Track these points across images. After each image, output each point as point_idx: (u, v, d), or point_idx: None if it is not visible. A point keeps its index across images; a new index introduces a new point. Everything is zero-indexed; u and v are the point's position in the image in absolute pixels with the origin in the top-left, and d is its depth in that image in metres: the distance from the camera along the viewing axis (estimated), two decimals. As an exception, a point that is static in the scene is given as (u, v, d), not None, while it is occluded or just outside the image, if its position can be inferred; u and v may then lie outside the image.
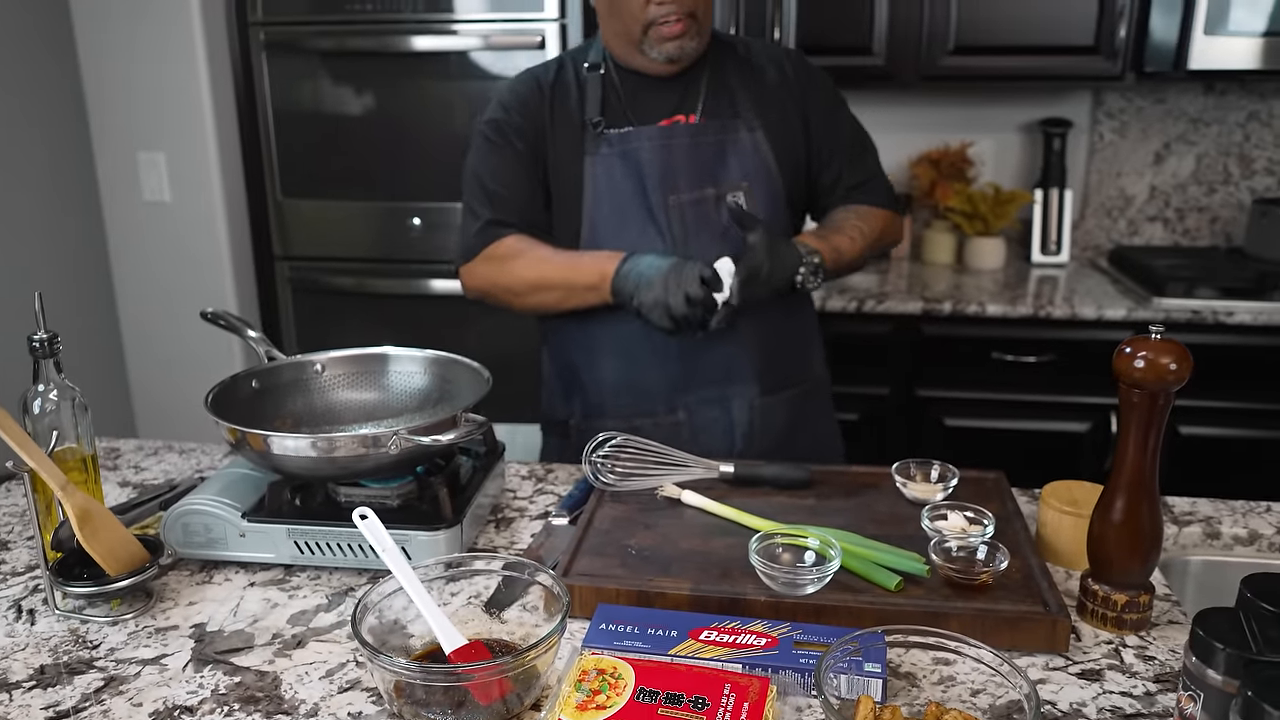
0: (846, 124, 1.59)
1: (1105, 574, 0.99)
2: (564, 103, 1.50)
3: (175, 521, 1.10)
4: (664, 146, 1.46)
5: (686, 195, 1.46)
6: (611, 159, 1.47)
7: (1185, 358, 0.92)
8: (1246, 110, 2.81)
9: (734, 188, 1.47)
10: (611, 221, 1.47)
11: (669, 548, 1.08)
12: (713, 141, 1.48)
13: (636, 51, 1.45)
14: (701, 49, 1.48)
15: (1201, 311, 2.34)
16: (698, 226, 1.46)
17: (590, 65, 1.51)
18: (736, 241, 1.42)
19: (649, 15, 1.40)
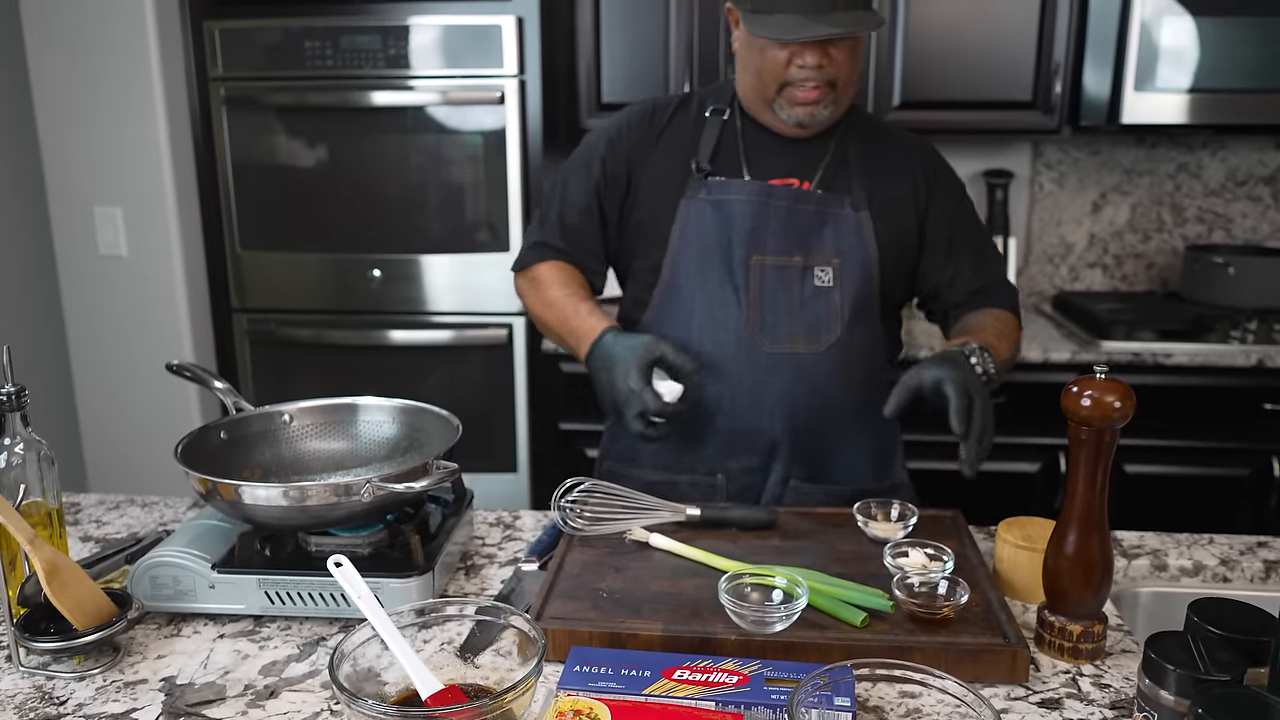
0: (970, 225, 1.53)
1: (1061, 605, 1.03)
2: (675, 139, 1.48)
3: (143, 574, 1.09)
4: (759, 204, 1.42)
5: (771, 258, 1.42)
6: (704, 206, 1.44)
7: (1129, 396, 0.98)
8: (1176, 162, 2.95)
9: (825, 261, 1.43)
10: (693, 268, 1.44)
11: (639, 590, 1.10)
12: (813, 211, 1.43)
13: (766, 108, 1.42)
14: (835, 119, 1.44)
15: (1142, 354, 2.44)
16: (776, 291, 1.42)
17: (715, 109, 1.49)
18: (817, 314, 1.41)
19: (788, 75, 1.36)
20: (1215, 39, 2.47)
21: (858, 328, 1.44)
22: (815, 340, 1.42)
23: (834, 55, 1.35)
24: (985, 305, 1.49)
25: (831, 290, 1.42)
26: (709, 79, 2.66)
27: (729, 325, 1.41)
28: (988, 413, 1.22)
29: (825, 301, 1.42)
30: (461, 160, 2.51)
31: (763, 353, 1.41)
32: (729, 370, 1.42)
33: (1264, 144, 2.91)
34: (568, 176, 1.53)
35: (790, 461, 1.45)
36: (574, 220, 1.51)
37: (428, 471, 1.11)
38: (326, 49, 2.46)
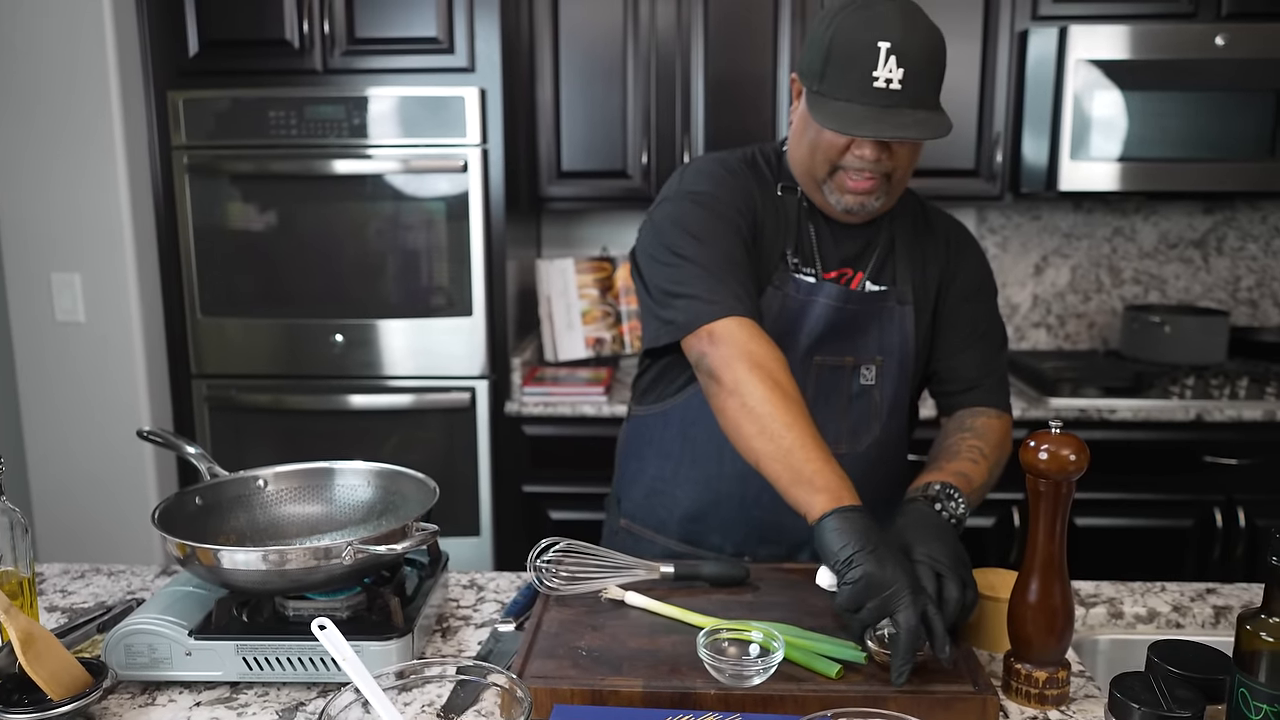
0: (982, 314, 1.46)
1: (1026, 652, 1.07)
2: (770, 212, 1.39)
3: (118, 642, 1.08)
4: (827, 306, 1.38)
5: (829, 359, 1.40)
6: (784, 298, 1.37)
7: (1083, 449, 1.03)
8: (1111, 226, 3.09)
9: (869, 360, 1.40)
10: None
11: (618, 647, 1.12)
12: (861, 310, 1.40)
13: (816, 188, 1.35)
14: (885, 209, 1.37)
15: (1088, 409, 2.53)
16: (829, 393, 1.40)
17: (787, 186, 1.40)
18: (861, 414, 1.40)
19: (843, 161, 1.29)
20: (1143, 111, 2.61)
21: (892, 424, 1.43)
22: (856, 440, 1.41)
23: (895, 150, 1.28)
24: (977, 404, 1.43)
25: (873, 389, 1.41)
26: (665, 152, 2.75)
27: None
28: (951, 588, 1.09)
29: (868, 400, 1.41)
30: (424, 226, 2.55)
31: None
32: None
33: (1192, 209, 3.07)
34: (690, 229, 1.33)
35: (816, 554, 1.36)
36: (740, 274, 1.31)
37: (408, 534, 1.13)
38: (291, 118, 2.50)
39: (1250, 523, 2.54)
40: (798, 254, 1.39)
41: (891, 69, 1.21)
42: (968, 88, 2.71)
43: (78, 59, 2.43)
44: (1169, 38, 2.58)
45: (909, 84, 1.22)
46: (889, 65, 1.21)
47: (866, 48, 1.22)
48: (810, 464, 1.15)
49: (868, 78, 1.22)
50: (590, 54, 2.73)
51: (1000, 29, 2.68)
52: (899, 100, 1.22)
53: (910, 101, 1.23)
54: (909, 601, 1.02)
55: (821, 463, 1.15)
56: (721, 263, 1.31)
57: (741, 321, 1.26)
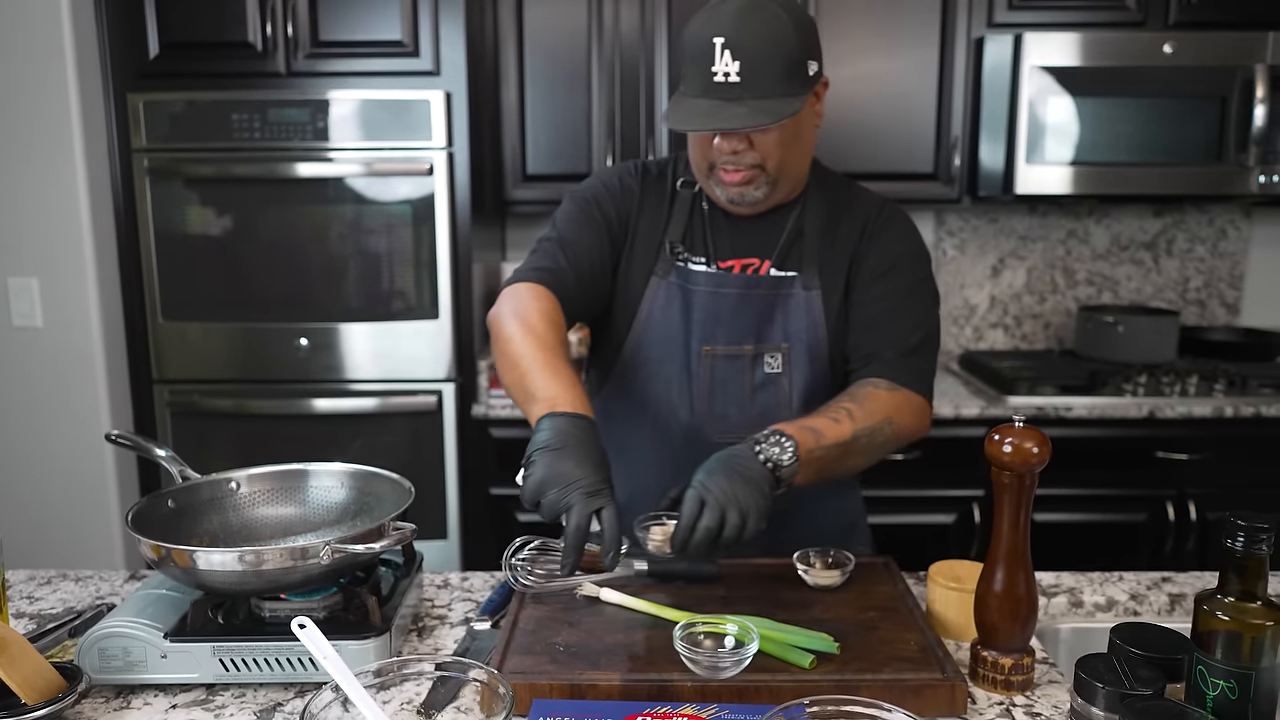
0: (893, 292, 1.41)
1: (992, 640, 1.10)
2: (655, 208, 1.45)
3: (91, 646, 1.08)
4: (714, 294, 1.40)
5: (722, 348, 1.41)
6: (672, 289, 1.42)
7: (1045, 442, 1.06)
8: (1066, 229, 3.16)
9: (774, 349, 1.41)
10: (653, 352, 1.43)
11: (595, 643, 1.13)
12: (764, 296, 1.41)
13: (705, 183, 1.41)
14: (783, 197, 1.41)
15: (1045, 407, 2.59)
16: (726, 382, 1.41)
17: (686, 181, 1.46)
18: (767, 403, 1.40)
19: (713, 157, 1.34)
20: (1095, 117, 2.69)
21: (810, 412, 1.38)
22: (764, 428, 1.38)
23: (755, 141, 1.31)
24: (870, 375, 1.38)
25: (780, 376, 1.42)
26: (630, 155, 2.77)
27: (679, 416, 1.42)
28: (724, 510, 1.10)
29: (775, 389, 1.43)
30: (389, 229, 2.55)
31: (712, 442, 1.38)
32: (676, 461, 1.41)
33: (1143, 212, 3.15)
34: (560, 220, 1.45)
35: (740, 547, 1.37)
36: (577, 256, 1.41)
37: (384, 533, 1.13)
38: (254, 121, 2.48)
39: (1201, 516, 2.62)
40: (687, 245, 1.43)
41: (728, 63, 1.25)
42: (926, 93, 2.76)
43: (35, 60, 2.40)
44: (1119, 45, 2.66)
45: (748, 76, 1.26)
46: (724, 59, 1.26)
47: (705, 44, 1.27)
48: (537, 381, 1.21)
49: (708, 73, 1.27)
50: (554, 57, 2.74)
51: (957, 36, 2.73)
52: (740, 92, 1.26)
53: (753, 92, 1.26)
54: (579, 499, 1.05)
55: (546, 379, 1.21)
56: (557, 246, 1.41)
57: (529, 286, 1.36)
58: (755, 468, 1.16)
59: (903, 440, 1.38)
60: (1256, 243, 3.18)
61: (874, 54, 2.74)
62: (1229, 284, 3.20)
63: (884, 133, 2.78)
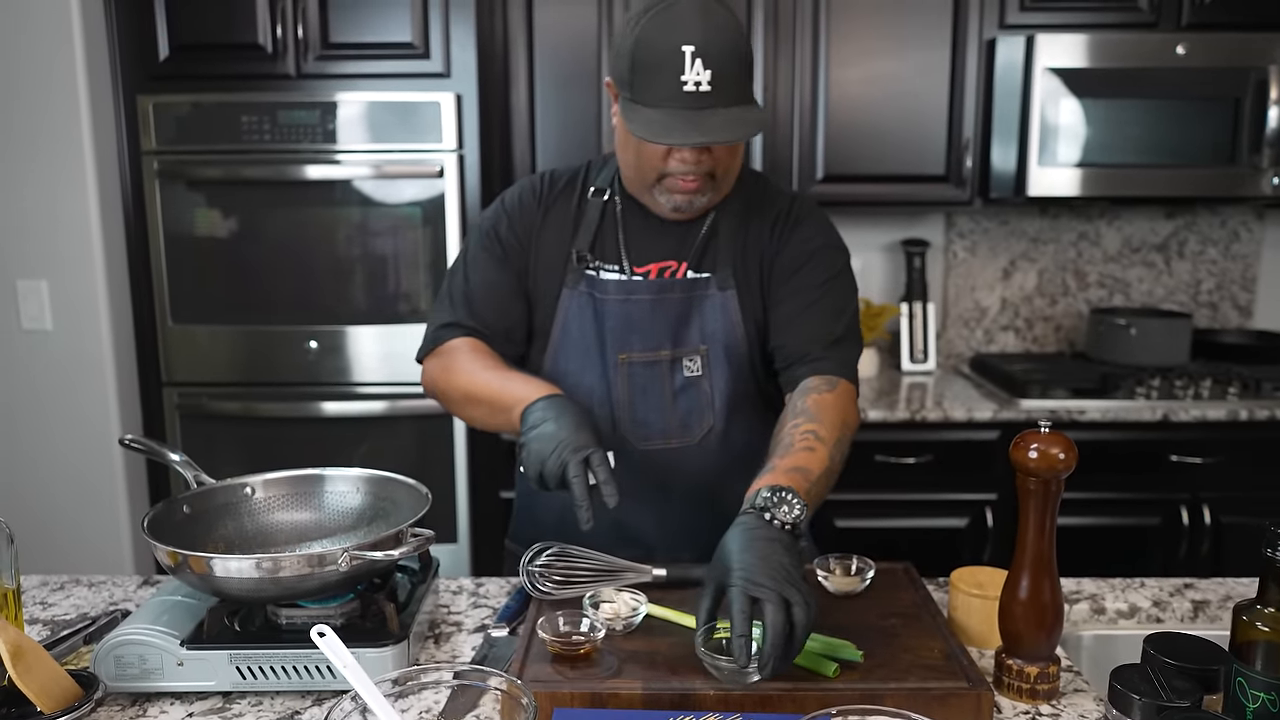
0: (811, 284, 1.40)
1: (1017, 648, 1.09)
2: (561, 218, 1.43)
3: (107, 654, 1.07)
4: (625, 301, 1.39)
5: (639, 355, 1.39)
6: (583, 300, 1.40)
7: (1071, 448, 1.05)
8: (1077, 231, 3.15)
9: (692, 351, 1.39)
10: (572, 364, 1.42)
11: (615, 650, 1.12)
12: (679, 299, 1.39)
13: (646, 192, 1.37)
14: (714, 203, 1.39)
15: (1058, 410, 2.57)
16: (645, 388, 1.40)
17: (596, 189, 1.43)
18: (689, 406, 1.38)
19: (667, 168, 1.31)
20: (1107, 118, 2.67)
21: (734, 413, 1.41)
22: (688, 433, 1.40)
23: (714, 150, 1.30)
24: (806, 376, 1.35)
25: (700, 379, 1.40)
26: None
27: (602, 425, 1.39)
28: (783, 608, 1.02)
29: (696, 392, 1.40)
30: (400, 232, 2.54)
31: (635, 450, 1.39)
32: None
33: (1154, 214, 3.13)
34: (468, 260, 1.46)
35: (678, 551, 1.38)
36: (482, 296, 1.43)
37: (402, 540, 1.12)
38: (264, 123, 2.48)
39: (1215, 520, 2.60)
40: (597, 253, 1.41)
41: (699, 71, 1.22)
42: (937, 95, 2.75)
43: (45, 62, 2.40)
44: (1131, 47, 2.64)
45: (718, 84, 1.23)
46: (695, 68, 1.22)
47: (671, 52, 1.22)
48: (502, 394, 1.29)
49: (676, 82, 1.22)
50: (565, 59, 2.73)
51: (969, 37, 2.72)
52: (710, 101, 1.23)
53: (723, 101, 1.23)
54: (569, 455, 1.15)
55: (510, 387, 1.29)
56: (464, 300, 1.43)
57: (453, 342, 1.42)
58: (775, 536, 1.08)
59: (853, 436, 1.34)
60: (1269, 245, 3.16)
61: (884, 55, 2.73)
62: (1241, 286, 3.18)
63: (895, 135, 2.77)
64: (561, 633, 1.12)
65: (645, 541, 1.44)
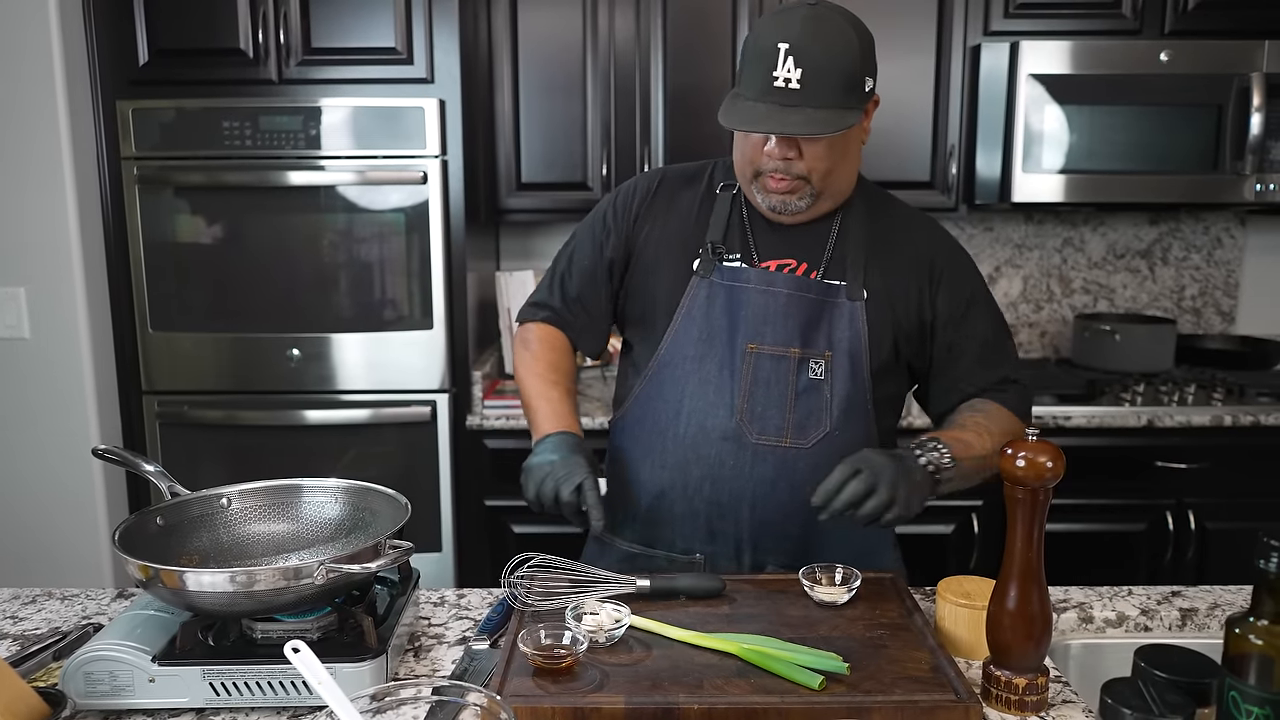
0: (981, 322, 1.45)
1: (1005, 659, 1.08)
2: (686, 210, 1.46)
3: (77, 670, 1.04)
4: (765, 293, 1.39)
5: (768, 347, 1.39)
6: (718, 289, 1.41)
7: (1059, 456, 1.04)
8: (1061, 237, 3.15)
9: (818, 355, 1.39)
10: (691, 350, 1.41)
11: (598, 663, 1.10)
12: (813, 301, 1.40)
13: (749, 188, 1.40)
14: (825, 208, 1.41)
15: (1044, 416, 2.57)
16: (769, 382, 1.39)
17: (725, 185, 1.46)
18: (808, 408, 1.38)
19: (761, 163, 1.34)
20: (1092, 125, 2.67)
21: (848, 422, 1.40)
22: (803, 435, 1.39)
23: (805, 150, 1.32)
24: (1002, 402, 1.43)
25: (822, 383, 1.40)
26: (625, 164, 2.75)
27: (718, 413, 1.39)
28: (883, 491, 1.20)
29: (817, 395, 1.39)
30: (383, 238, 2.51)
31: (749, 444, 1.38)
32: (711, 456, 1.39)
33: (1139, 220, 3.14)
34: (575, 239, 1.55)
35: (765, 552, 1.42)
36: (574, 281, 1.52)
37: (380, 552, 1.10)
38: (245, 129, 2.45)
39: (1200, 526, 2.61)
40: (728, 246, 1.44)
41: (790, 69, 1.25)
42: (922, 101, 2.75)
43: (22, 67, 2.37)
44: (1115, 53, 2.65)
45: (809, 84, 1.26)
46: (787, 65, 1.26)
47: (769, 48, 1.27)
48: (533, 416, 1.44)
49: (769, 77, 1.27)
50: (549, 65, 2.72)
51: (953, 44, 2.72)
52: (799, 100, 1.26)
53: (813, 101, 1.26)
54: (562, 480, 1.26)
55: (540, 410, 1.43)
56: (557, 282, 1.55)
57: (535, 326, 1.55)
58: (916, 467, 1.25)
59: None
60: (1251, 250, 3.17)
61: (870, 62, 2.72)
62: (1225, 292, 3.19)
63: (880, 141, 2.74)
64: (543, 646, 1.11)
65: (735, 536, 1.43)
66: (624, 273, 1.50)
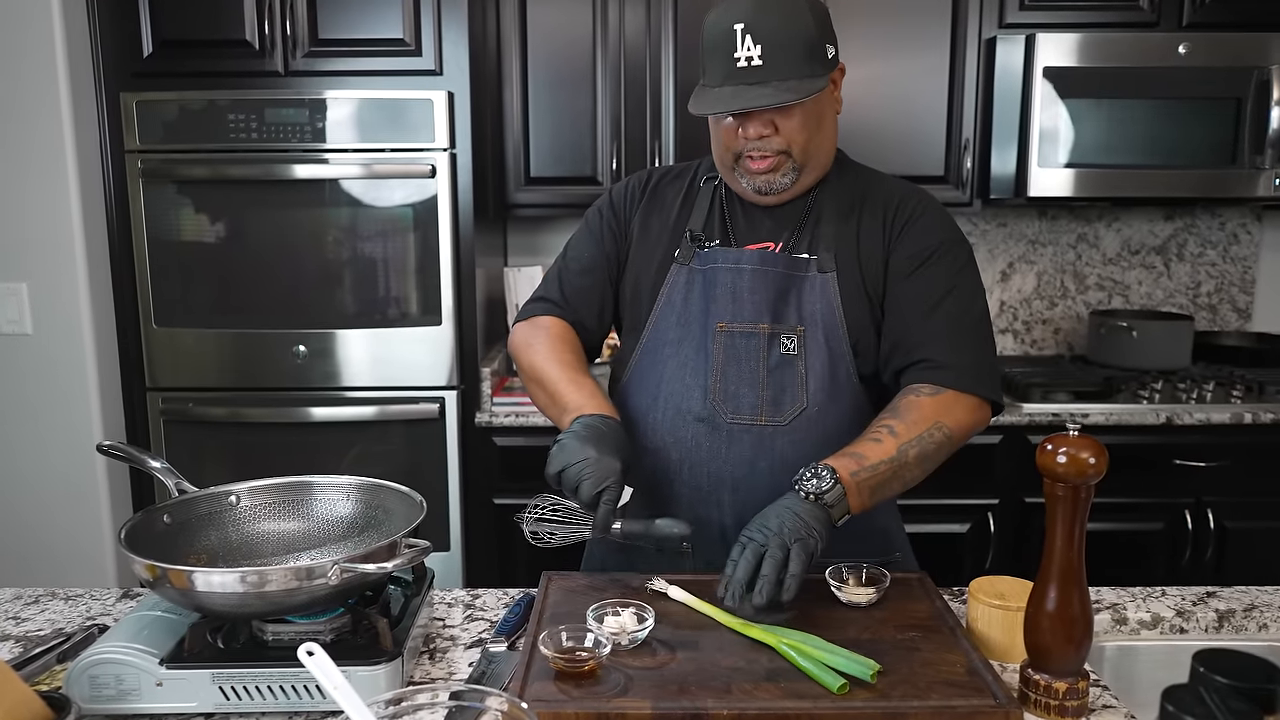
0: (930, 286, 1.36)
1: (1044, 663, 1.04)
2: (671, 203, 1.48)
3: (81, 674, 1.01)
4: (733, 270, 1.38)
5: (738, 325, 1.37)
6: (695, 274, 1.42)
7: (1102, 452, 1.00)
8: (1076, 233, 3.11)
9: (789, 330, 1.37)
10: (670, 334, 1.42)
11: (622, 667, 1.06)
12: (780, 274, 1.38)
13: (731, 176, 1.40)
14: (808, 182, 1.39)
15: (1061, 414, 2.53)
16: (740, 360, 1.37)
17: (709, 177, 1.48)
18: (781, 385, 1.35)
19: (739, 146, 1.34)
20: (1109, 119, 2.64)
21: (828, 399, 1.37)
22: (779, 412, 1.36)
23: (781, 125, 1.32)
24: (912, 380, 1.34)
25: (795, 359, 1.37)
26: (635, 157, 2.71)
27: (693, 394, 1.38)
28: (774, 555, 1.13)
29: (790, 371, 1.37)
30: (390, 233, 2.48)
31: (723, 424, 1.37)
32: (687, 440, 1.39)
33: (1154, 216, 3.10)
34: (575, 236, 1.54)
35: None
36: (574, 277, 1.50)
37: (396, 551, 1.06)
38: (251, 122, 2.41)
39: (1219, 525, 2.57)
40: (709, 233, 1.44)
41: (749, 47, 1.27)
42: (936, 95, 2.71)
43: (25, 58, 2.33)
44: (1132, 46, 2.61)
45: (770, 58, 1.27)
46: (746, 44, 1.27)
47: (724, 31, 1.28)
48: (565, 395, 1.35)
49: (730, 60, 1.28)
50: (559, 58, 2.68)
51: (968, 37, 2.68)
52: (763, 75, 1.27)
53: (777, 75, 1.27)
54: (590, 477, 1.19)
55: (572, 391, 1.34)
56: (558, 277, 1.51)
57: (541, 317, 1.49)
58: (797, 503, 1.19)
59: (958, 441, 1.34)
60: (1268, 246, 3.13)
61: (884, 55, 2.68)
62: (1241, 289, 3.15)
63: (894, 135, 2.72)
64: (565, 648, 1.07)
65: (719, 521, 1.40)
66: (621, 270, 1.50)
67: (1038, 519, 2.69)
